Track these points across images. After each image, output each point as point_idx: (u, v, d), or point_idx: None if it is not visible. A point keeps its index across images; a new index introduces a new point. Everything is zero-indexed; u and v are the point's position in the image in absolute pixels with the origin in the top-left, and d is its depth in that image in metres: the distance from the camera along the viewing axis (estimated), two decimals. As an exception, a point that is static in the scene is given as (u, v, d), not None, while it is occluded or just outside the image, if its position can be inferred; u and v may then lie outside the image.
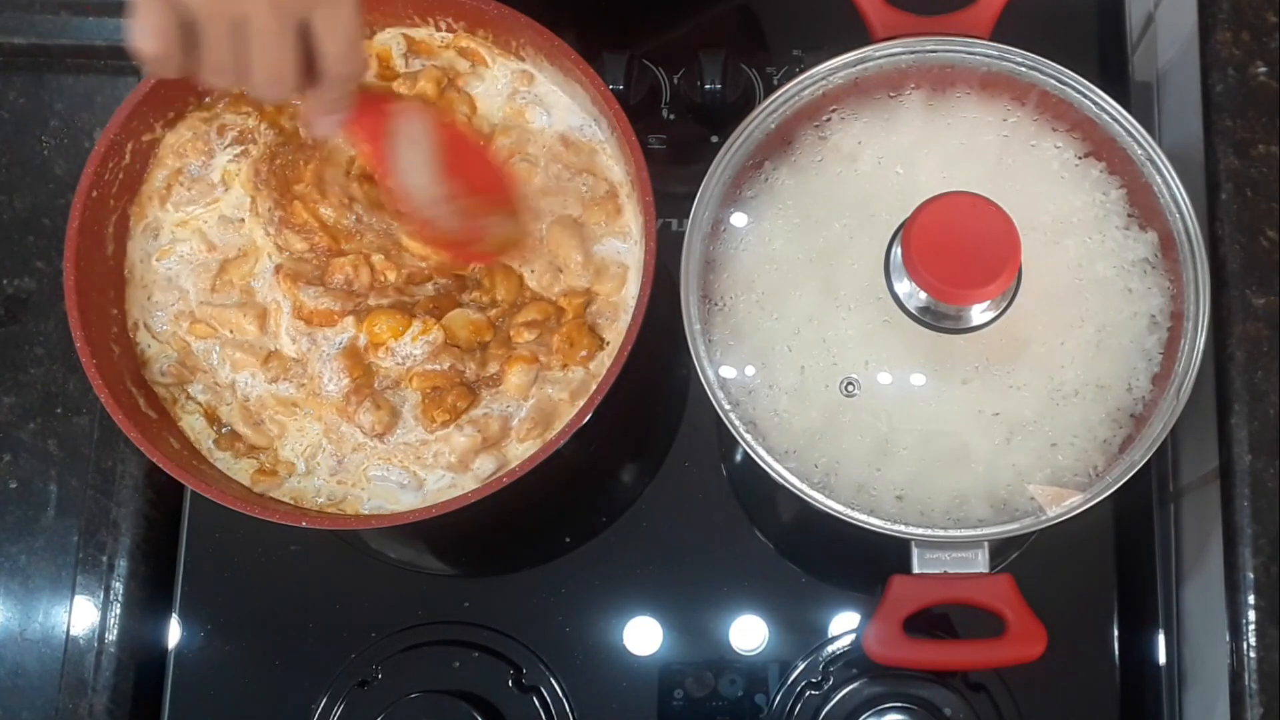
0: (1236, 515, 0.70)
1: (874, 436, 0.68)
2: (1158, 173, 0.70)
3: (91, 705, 0.79)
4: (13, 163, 0.88)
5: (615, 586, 0.82)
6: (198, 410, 0.77)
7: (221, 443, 0.77)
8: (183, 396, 0.78)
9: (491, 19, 0.78)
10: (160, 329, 0.78)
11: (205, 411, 0.77)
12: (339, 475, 0.76)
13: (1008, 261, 0.62)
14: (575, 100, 0.80)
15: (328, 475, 0.76)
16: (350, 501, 0.75)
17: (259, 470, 0.76)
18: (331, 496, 0.76)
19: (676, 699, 0.80)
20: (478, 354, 0.76)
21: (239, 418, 0.77)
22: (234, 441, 0.77)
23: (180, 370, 0.77)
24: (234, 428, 0.77)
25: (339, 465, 0.76)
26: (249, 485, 0.76)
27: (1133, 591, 0.81)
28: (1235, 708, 0.68)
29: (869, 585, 0.81)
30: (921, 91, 0.72)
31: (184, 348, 0.77)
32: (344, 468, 0.76)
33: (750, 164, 0.72)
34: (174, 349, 0.77)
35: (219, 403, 0.77)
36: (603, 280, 0.78)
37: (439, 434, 0.75)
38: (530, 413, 0.75)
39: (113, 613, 0.81)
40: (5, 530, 0.82)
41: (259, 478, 0.76)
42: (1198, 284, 0.68)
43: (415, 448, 0.75)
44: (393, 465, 0.75)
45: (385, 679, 0.80)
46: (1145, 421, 0.67)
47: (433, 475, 0.75)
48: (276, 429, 0.76)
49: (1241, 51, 0.76)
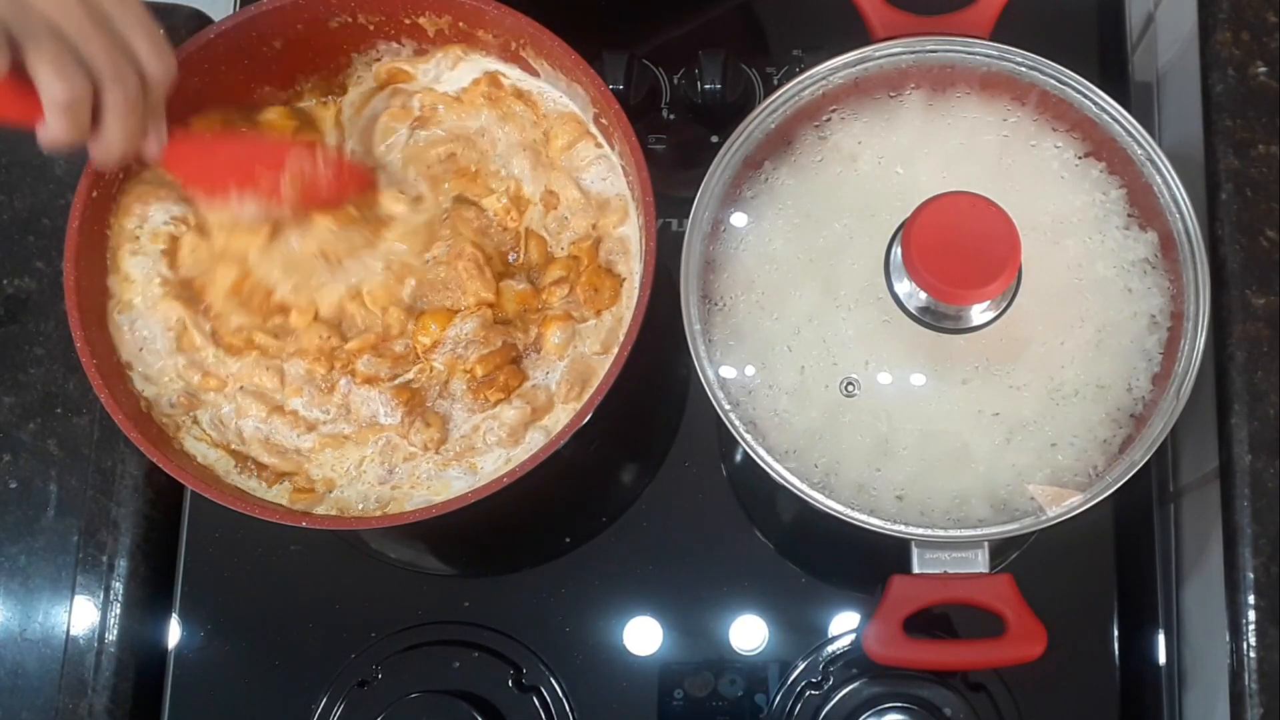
0: (1236, 515, 0.70)
1: (874, 436, 0.68)
2: (1158, 173, 0.70)
3: (91, 705, 0.79)
4: (13, 163, 0.88)
5: (615, 586, 0.82)
6: (205, 439, 0.77)
7: (245, 471, 0.76)
8: (189, 422, 0.77)
9: (491, 19, 0.78)
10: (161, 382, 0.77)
11: (224, 449, 0.76)
12: (390, 482, 0.75)
13: (1008, 261, 0.62)
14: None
15: (375, 483, 0.75)
16: (398, 501, 0.75)
17: (296, 491, 0.75)
18: (380, 500, 0.75)
19: (676, 699, 0.80)
20: (521, 323, 0.77)
21: (262, 450, 0.76)
22: (260, 469, 0.76)
23: (190, 401, 0.77)
24: (258, 459, 0.76)
25: (389, 474, 0.75)
26: (288, 506, 0.75)
27: (1133, 591, 0.81)
28: (1235, 708, 0.69)
29: (869, 585, 0.81)
30: (921, 91, 0.72)
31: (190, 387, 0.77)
32: (394, 476, 0.75)
33: (750, 164, 0.72)
34: (179, 386, 0.77)
35: (235, 440, 0.76)
36: (606, 214, 0.78)
37: (489, 412, 0.75)
38: (566, 374, 0.76)
39: (113, 613, 0.81)
40: (5, 530, 0.82)
41: (298, 497, 0.75)
42: (1198, 284, 0.68)
43: (468, 438, 0.75)
44: (448, 466, 0.75)
45: (385, 679, 0.80)
46: (1145, 421, 0.67)
47: (487, 459, 0.75)
48: (308, 455, 0.76)
49: (1241, 51, 0.76)
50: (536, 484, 0.70)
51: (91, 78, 0.63)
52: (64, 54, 0.61)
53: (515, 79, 0.81)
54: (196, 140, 0.73)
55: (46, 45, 0.61)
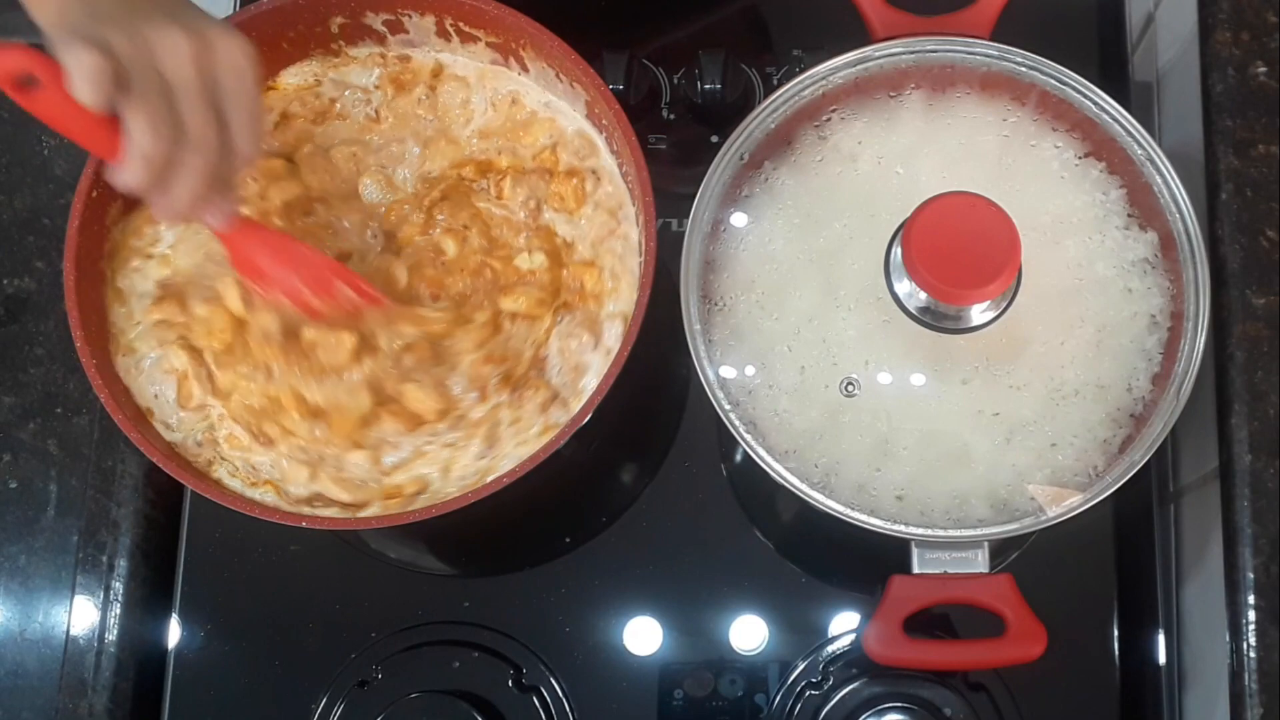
0: (1236, 515, 0.70)
1: (874, 436, 0.68)
2: (1158, 173, 0.70)
3: (91, 705, 0.79)
4: (13, 163, 0.88)
5: (615, 586, 0.82)
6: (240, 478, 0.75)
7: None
8: (217, 458, 0.76)
9: (491, 19, 0.78)
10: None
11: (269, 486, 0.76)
12: (488, 455, 0.75)
13: (1008, 261, 0.62)
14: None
15: (474, 459, 0.75)
16: (493, 470, 0.74)
17: (387, 499, 0.74)
18: (479, 472, 0.75)
19: (676, 699, 0.80)
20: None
21: (333, 486, 0.74)
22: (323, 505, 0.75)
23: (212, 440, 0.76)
24: (326, 496, 0.75)
25: (489, 448, 0.75)
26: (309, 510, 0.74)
27: (1133, 591, 0.81)
28: (1235, 708, 0.69)
29: (869, 585, 0.81)
30: (921, 91, 0.72)
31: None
32: (494, 448, 0.75)
33: (750, 164, 0.72)
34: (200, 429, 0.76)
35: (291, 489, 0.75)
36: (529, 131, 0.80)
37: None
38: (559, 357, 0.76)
39: (113, 613, 0.81)
40: (5, 530, 0.82)
41: (390, 505, 0.74)
42: (1198, 284, 0.68)
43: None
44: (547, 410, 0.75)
45: (385, 679, 0.80)
46: (1145, 421, 0.67)
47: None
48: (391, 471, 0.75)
49: (1241, 51, 0.76)
50: (536, 484, 0.70)
51: (180, 139, 0.62)
52: (164, 111, 0.61)
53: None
54: (257, 228, 0.72)
55: (150, 99, 0.60)
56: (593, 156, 0.79)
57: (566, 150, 0.80)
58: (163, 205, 0.64)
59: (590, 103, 0.78)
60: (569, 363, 0.76)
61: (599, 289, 0.77)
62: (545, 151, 0.80)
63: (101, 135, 0.61)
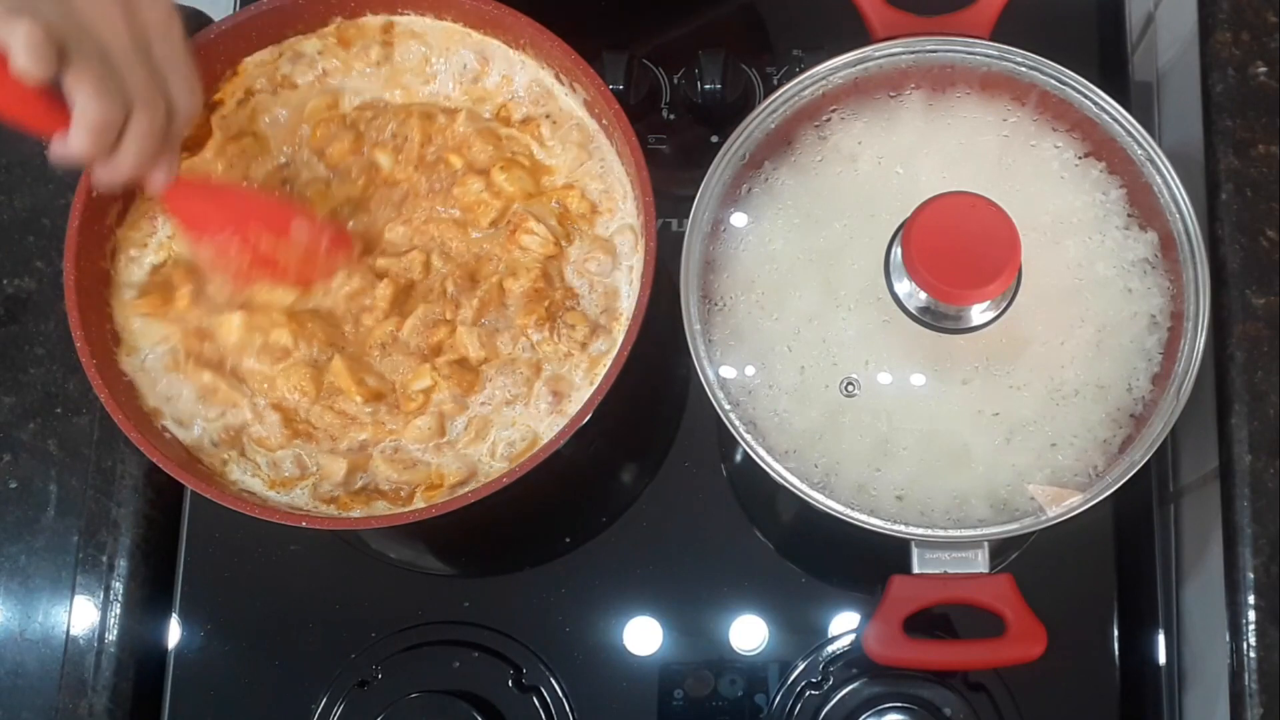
0: (1236, 515, 0.70)
1: (874, 436, 0.68)
2: (1158, 173, 0.70)
3: (91, 705, 0.79)
4: (13, 163, 0.88)
5: (615, 586, 0.82)
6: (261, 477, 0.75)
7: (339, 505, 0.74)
8: (236, 455, 0.75)
9: (491, 19, 0.78)
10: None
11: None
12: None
13: (1008, 261, 0.62)
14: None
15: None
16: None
17: (428, 489, 0.74)
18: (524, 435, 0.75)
19: (676, 699, 0.80)
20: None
21: (384, 466, 0.74)
22: (370, 498, 0.74)
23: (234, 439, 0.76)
24: (374, 488, 0.75)
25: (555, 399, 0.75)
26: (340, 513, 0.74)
27: (1133, 591, 0.81)
28: (1235, 708, 0.69)
29: (869, 585, 0.81)
30: (921, 91, 0.72)
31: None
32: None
33: (750, 164, 0.72)
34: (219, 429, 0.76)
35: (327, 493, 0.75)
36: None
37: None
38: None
39: (113, 613, 0.81)
40: (5, 530, 0.82)
41: (430, 494, 0.74)
42: (1198, 284, 0.68)
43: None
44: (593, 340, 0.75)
45: (385, 679, 0.80)
46: (1145, 421, 0.67)
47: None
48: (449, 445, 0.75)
49: (1241, 51, 0.76)
50: (536, 484, 0.70)
51: (125, 102, 0.62)
52: (106, 76, 0.61)
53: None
54: (200, 183, 0.72)
55: (92, 65, 0.60)
56: (550, 101, 0.79)
57: (522, 105, 0.80)
58: (107, 171, 0.64)
59: (590, 102, 0.78)
60: (597, 290, 0.76)
61: (584, 209, 0.77)
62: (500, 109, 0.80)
63: (43, 110, 0.61)
